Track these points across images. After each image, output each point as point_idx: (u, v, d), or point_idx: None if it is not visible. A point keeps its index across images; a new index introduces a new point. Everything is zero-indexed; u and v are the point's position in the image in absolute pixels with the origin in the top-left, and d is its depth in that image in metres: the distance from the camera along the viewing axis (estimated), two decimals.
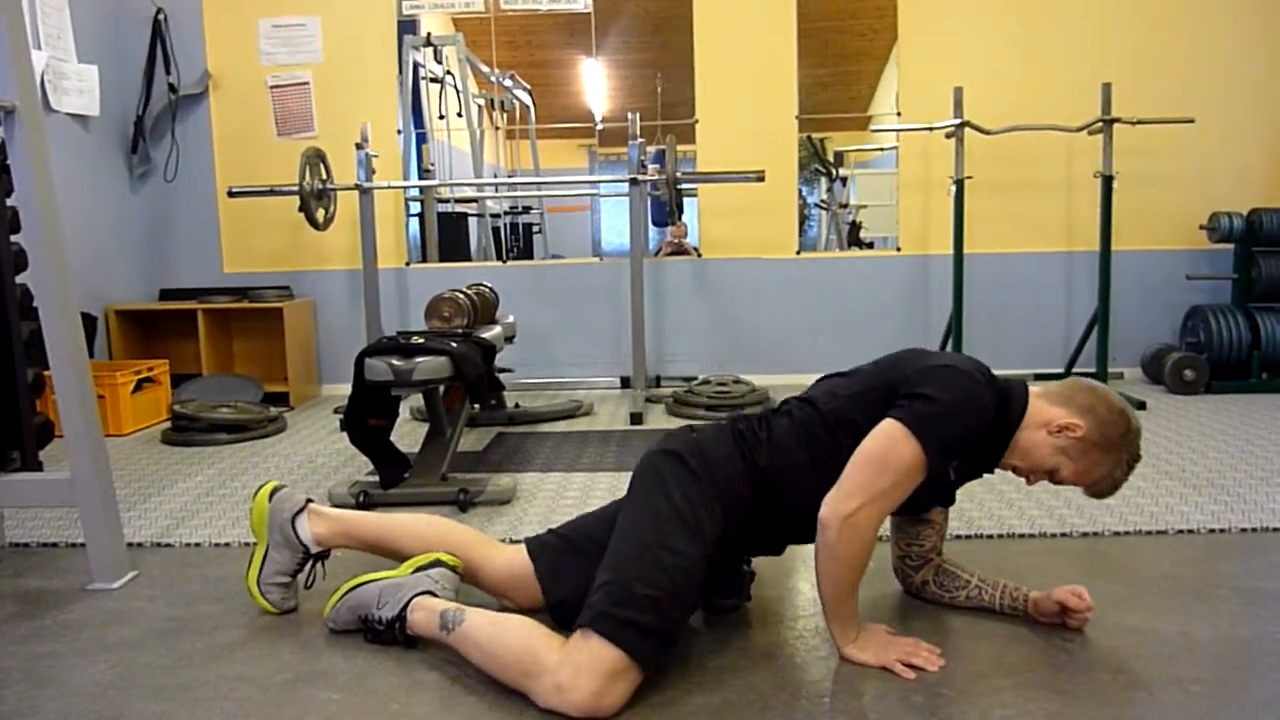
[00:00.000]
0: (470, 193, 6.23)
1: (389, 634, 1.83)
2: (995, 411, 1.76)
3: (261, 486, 2.08)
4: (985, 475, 1.94)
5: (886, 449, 1.67)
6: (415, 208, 5.57)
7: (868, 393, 1.80)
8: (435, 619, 1.77)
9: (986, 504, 2.76)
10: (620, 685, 1.56)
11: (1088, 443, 1.76)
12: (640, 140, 4.44)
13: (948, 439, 1.69)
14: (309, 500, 2.08)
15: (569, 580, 1.85)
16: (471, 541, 2.02)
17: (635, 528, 1.72)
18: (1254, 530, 2.51)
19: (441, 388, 3.13)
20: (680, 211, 4.53)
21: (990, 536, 2.50)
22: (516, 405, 4.28)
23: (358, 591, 1.90)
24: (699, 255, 5.12)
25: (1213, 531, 2.51)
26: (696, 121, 4.98)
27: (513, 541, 2.16)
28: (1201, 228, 4.68)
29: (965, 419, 1.70)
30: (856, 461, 1.69)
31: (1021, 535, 2.52)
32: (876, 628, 1.80)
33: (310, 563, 2.05)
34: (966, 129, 4.49)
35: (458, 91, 5.95)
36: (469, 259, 5.93)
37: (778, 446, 1.81)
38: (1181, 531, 2.51)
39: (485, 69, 6.08)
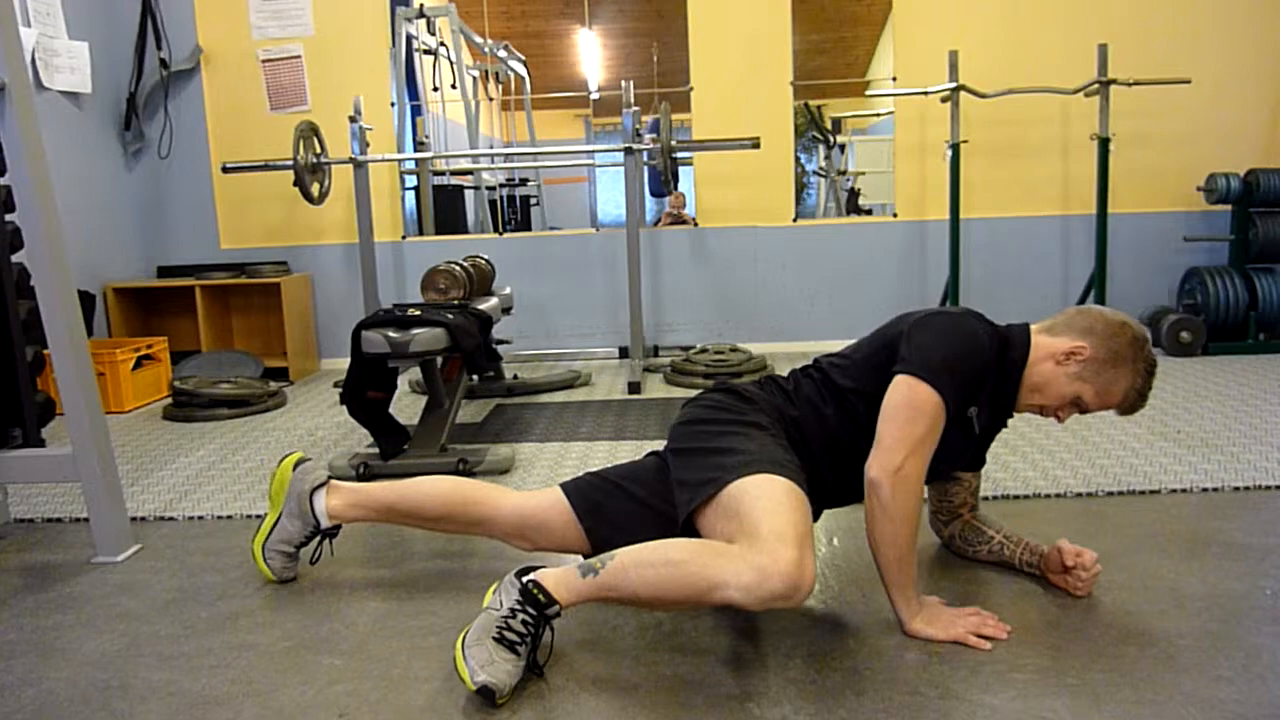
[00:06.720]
0: (465, 165, 6.23)
1: (532, 614, 1.58)
2: (992, 343, 1.80)
3: (287, 455, 2.11)
4: (1007, 422, 1.98)
5: (908, 398, 1.71)
6: (411, 181, 5.56)
7: (872, 356, 1.87)
8: (573, 570, 1.61)
9: None
10: (809, 552, 1.54)
11: (1098, 361, 1.79)
12: (635, 109, 4.42)
13: (953, 373, 1.73)
14: (331, 477, 2.10)
15: (608, 519, 1.85)
16: (484, 489, 2.03)
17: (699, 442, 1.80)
18: (1247, 489, 2.53)
19: (439, 359, 3.15)
20: (676, 181, 4.51)
21: (985, 498, 2.52)
22: (515, 376, 4.30)
23: (477, 623, 1.60)
24: (696, 224, 5.11)
25: (1206, 490, 2.53)
26: (691, 89, 4.96)
27: None
28: (1198, 189, 4.68)
29: (962, 350, 1.76)
30: (886, 419, 1.72)
31: (1016, 496, 2.55)
32: (933, 600, 1.78)
33: (319, 539, 2.07)
34: (962, 93, 4.48)
35: (451, 63, 5.92)
36: (466, 232, 5.93)
37: (806, 399, 1.91)
38: (1175, 491, 2.54)
39: (479, 40, 6.06)
